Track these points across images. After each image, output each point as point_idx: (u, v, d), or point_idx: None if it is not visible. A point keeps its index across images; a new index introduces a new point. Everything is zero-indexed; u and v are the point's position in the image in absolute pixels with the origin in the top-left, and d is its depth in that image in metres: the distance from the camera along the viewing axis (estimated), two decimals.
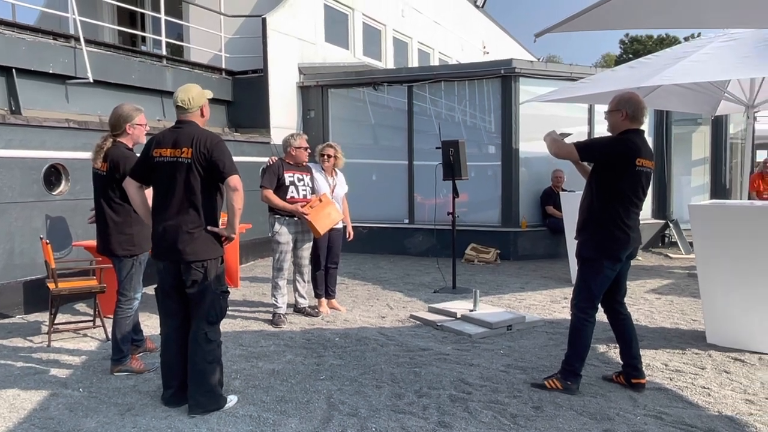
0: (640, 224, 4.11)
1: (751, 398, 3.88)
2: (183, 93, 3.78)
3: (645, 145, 4.03)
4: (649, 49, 39.32)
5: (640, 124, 4.07)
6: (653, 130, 10.79)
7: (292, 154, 5.96)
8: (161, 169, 3.71)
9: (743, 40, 6.45)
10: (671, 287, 7.46)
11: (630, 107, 4.00)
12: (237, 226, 3.75)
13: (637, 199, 3.99)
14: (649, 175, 4.04)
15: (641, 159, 3.92)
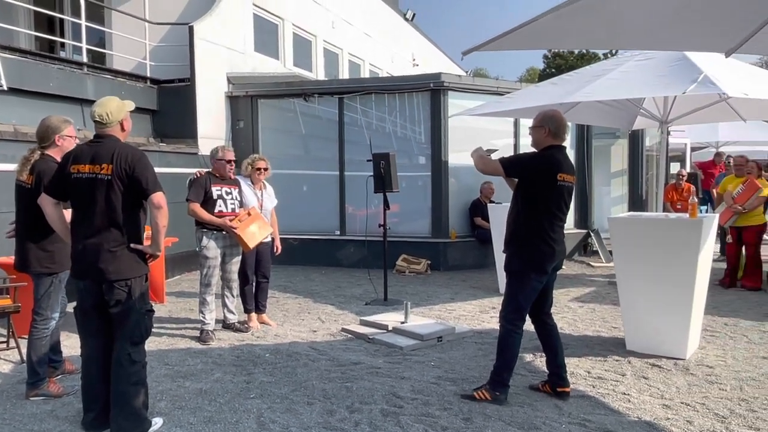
0: (564, 236, 4.25)
1: (667, 403, 4.07)
2: (100, 107, 3.62)
3: (566, 160, 4.17)
4: (570, 64, 40.96)
5: (562, 141, 4.21)
6: (575, 143, 11.22)
7: (217, 166, 5.85)
8: (79, 186, 3.54)
9: (657, 59, 6.79)
10: (593, 295, 7.74)
11: (553, 124, 4.14)
12: (162, 244, 3.64)
13: (560, 213, 4.12)
14: (571, 189, 4.18)
15: (562, 174, 4.04)
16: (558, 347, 4.26)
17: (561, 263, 4.30)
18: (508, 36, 3.64)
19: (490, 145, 10.40)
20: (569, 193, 4.16)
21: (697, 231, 4.89)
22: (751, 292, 7.76)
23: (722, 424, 3.71)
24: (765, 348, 5.30)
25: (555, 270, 4.25)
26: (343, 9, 15.85)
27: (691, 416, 3.83)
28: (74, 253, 3.61)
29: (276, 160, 10.41)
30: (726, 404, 4.03)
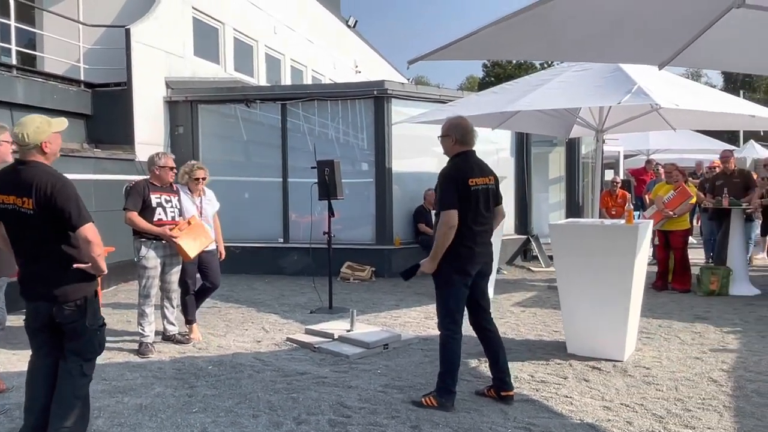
0: (488, 239, 4.26)
1: (608, 404, 4.18)
2: (18, 126, 3.32)
3: (477, 164, 4.24)
4: (509, 73, 41.93)
5: (471, 146, 4.28)
6: (515, 151, 11.46)
7: (156, 173, 5.67)
8: (6, 216, 3.34)
9: (593, 71, 7.03)
10: (534, 300, 7.91)
11: (458, 132, 4.24)
12: (103, 267, 3.46)
13: (479, 216, 4.13)
14: (488, 191, 4.20)
15: (473, 179, 4.11)
16: (499, 352, 4.30)
17: (488, 267, 4.31)
18: (453, 46, 3.68)
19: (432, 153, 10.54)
20: (487, 195, 4.20)
21: (633, 237, 5.07)
22: (681, 294, 8.10)
23: (660, 423, 3.85)
24: (697, 348, 5.53)
25: (482, 275, 4.25)
26: (285, 14, 15.74)
27: (630, 417, 3.96)
28: (20, 276, 3.45)
29: (217, 166, 10.26)
30: (663, 404, 4.17)
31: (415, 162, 10.29)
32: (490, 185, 4.24)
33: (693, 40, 3.96)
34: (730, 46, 4.09)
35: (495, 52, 5.65)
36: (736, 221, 8.37)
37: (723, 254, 8.57)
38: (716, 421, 3.88)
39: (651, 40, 4.10)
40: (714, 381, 4.64)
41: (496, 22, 3.46)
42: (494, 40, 3.87)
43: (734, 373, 4.83)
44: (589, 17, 3.71)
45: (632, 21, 3.79)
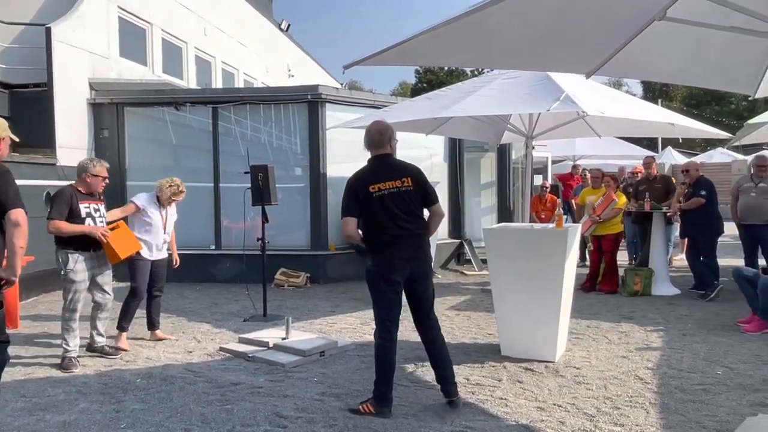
0: (410, 243, 4.11)
1: (541, 405, 4.27)
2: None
3: (386, 167, 4.17)
4: (441, 80, 42.53)
5: (383, 149, 4.24)
6: (448, 156, 11.62)
7: (87, 181, 5.40)
8: None
9: (523, 78, 7.21)
10: (468, 303, 8.02)
11: (366, 139, 4.28)
12: (18, 267, 3.29)
13: (391, 222, 4.05)
14: (398, 193, 4.08)
15: (375, 184, 4.07)
16: (438, 357, 4.29)
17: (420, 270, 4.17)
18: (387, 52, 3.68)
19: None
20: (401, 198, 4.09)
21: (563, 240, 5.21)
22: (608, 295, 8.40)
23: (591, 422, 3.96)
24: (623, 347, 5.74)
25: (416, 279, 4.15)
26: (215, 16, 15.43)
27: (563, 416, 4.05)
28: None
29: (145, 171, 9.96)
30: (593, 403, 4.30)
31: (350, 167, 10.06)
32: (403, 188, 4.10)
33: (618, 50, 4.11)
34: (651, 56, 4.27)
35: (429, 59, 5.71)
36: (658, 224, 8.76)
37: (645, 256, 8.95)
38: (643, 418, 4.02)
39: (578, 50, 4.23)
40: (640, 379, 4.82)
41: (429, 29, 3.48)
42: (428, 47, 3.89)
43: (658, 370, 5.04)
44: (520, 27, 3.79)
45: (561, 31, 3.90)
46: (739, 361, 5.23)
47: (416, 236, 4.16)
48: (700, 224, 8.26)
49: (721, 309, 7.37)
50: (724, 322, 6.66)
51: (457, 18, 3.35)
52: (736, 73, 4.57)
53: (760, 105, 26.01)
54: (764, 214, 7.89)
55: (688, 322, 6.76)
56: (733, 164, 23.75)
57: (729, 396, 4.40)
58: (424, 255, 4.27)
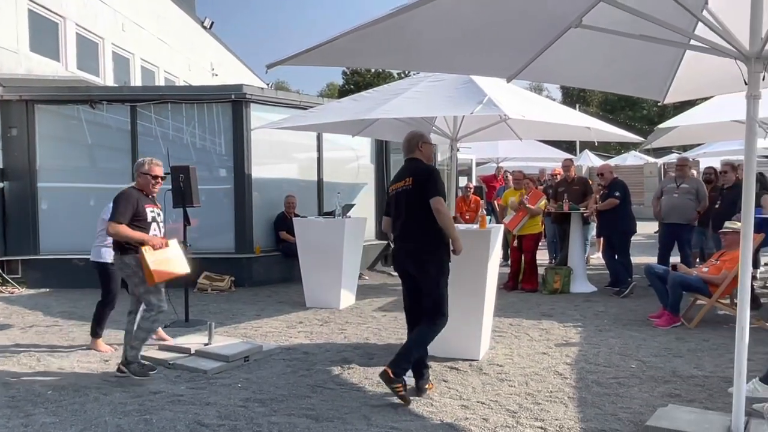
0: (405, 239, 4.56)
1: (465, 403, 4.34)
2: None
3: (402, 171, 4.66)
4: (368, 81, 42.70)
5: (411, 154, 4.69)
6: (375, 157, 11.67)
7: (138, 181, 5.13)
8: None
9: (447, 82, 7.31)
10: (395, 304, 8.06)
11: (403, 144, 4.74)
12: None
13: (397, 218, 4.57)
14: (401, 193, 4.53)
15: (392, 186, 4.67)
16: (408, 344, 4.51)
17: (410, 266, 4.54)
18: (312, 52, 3.65)
19: (293, 159, 10.40)
20: (401, 197, 4.54)
21: (486, 240, 5.31)
22: (530, 294, 8.64)
23: (513, 418, 4.05)
24: (544, 344, 5.91)
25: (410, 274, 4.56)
26: (134, 12, 14.90)
27: (486, 414, 4.13)
28: None
29: (58, 172, 9.49)
30: (515, 399, 4.40)
31: (275, 168, 10.13)
32: (404, 187, 4.53)
33: (537, 55, 4.24)
34: (568, 62, 4.43)
35: (353, 60, 5.70)
36: (576, 224, 9.08)
37: (564, 255, 9.27)
38: (562, 412, 4.15)
39: (500, 55, 4.33)
40: (560, 374, 4.98)
41: (353, 30, 3.47)
42: (352, 48, 3.89)
43: (577, 365, 5.22)
44: (442, 31, 3.84)
45: (482, 36, 3.98)
46: (650, 355, 5.49)
47: (408, 233, 4.52)
48: (614, 224, 8.63)
49: (635, 305, 7.72)
50: (637, 318, 6.98)
51: (379, 20, 3.36)
52: (646, 80, 4.81)
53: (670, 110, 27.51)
54: (685, 214, 8.33)
55: (604, 318, 7.04)
56: (645, 166, 25.06)
57: (642, 388, 4.60)
58: (411, 251, 4.51)
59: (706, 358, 5.37)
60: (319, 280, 7.82)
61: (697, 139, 13.01)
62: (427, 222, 4.38)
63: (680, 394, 4.46)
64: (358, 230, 8.24)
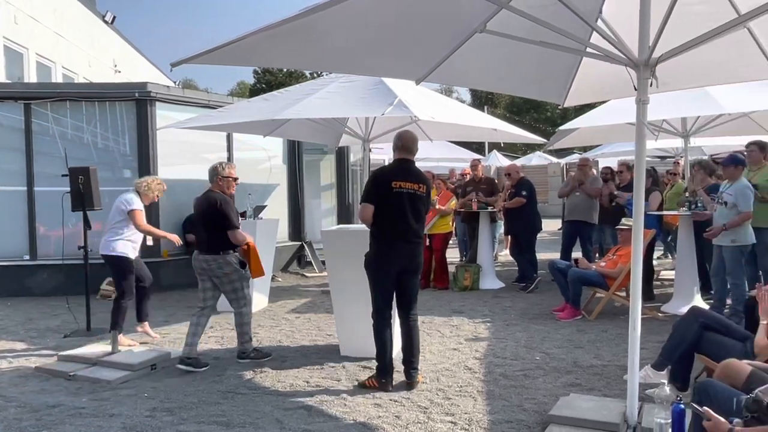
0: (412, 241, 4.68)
1: (378, 402, 4.38)
2: None
3: (408, 170, 4.68)
4: (279, 81, 42.15)
5: (410, 155, 4.76)
6: (287, 158, 11.56)
7: (219, 184, 5.46)
8: None
9: (359, 83, 7.34)
10: (308, 305, 8.02)
11: (397, 143, 4.77)
12: None
13: (401, 217, 4.60)
14: (412, 195, 4.62)
15: (398, 182, 4.58)
16: (413, 344, 4.70)
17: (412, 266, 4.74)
18: (220, 50, 3.57)
19: (202, 160, 10.14)
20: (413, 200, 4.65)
21: None
22: (441, 292, 8.83)
23: (424, 414, 4.12)
24: (455, 340, 6.06)
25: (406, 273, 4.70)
26: (28, 3, 14.04)
27: (399, 411, 4.18)
28: None
29: None
30: (427, 395, 4.49)
31: (184, 169, 9.83)
32: (418, 192, 4.70)
33: (444, 59, 4.34)
34: (475, 65, 4.56)
35: (262, 60, 5.64)
36: (484, 223, 9.36)
37: (474, 253, 9.54)
38: (472, 405, 4.27)
39: (408, 58, 4.40)
40: (469, 369, 5.12)
41: (262, 30, 3.43)
42: (261, 48, 3.84)
43: (485, 359, 5.38)
44: (351, 33, 3.87)
45: (391, 39, 4.04)
46: (554, 347, 5.74)
47: (417, 235, 4.70)
48: (521, 222, 8.97)
49: (540, 299, 8.05)
50: (542, 312, 7.28)
51: (288, 20, 3.34)
52: (547, 84, 5.02)
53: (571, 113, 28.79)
54: (587, 212, 8.75)
55: (512, 312, 7.30)
56: (549, 166, 26.18)
57: (546, 379, 4.81)
58: (419, 252, 4.75)
59: (605, 348, 5.68)
60: None
61: (595, 140, 13.72)
62: (423, 228, 4.82)
63: (581, 383, 4.70)
64: (270, 232, 8.14)
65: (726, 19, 3.39)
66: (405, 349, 4.74)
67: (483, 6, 3.68)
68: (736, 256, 6.21)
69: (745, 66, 4.25)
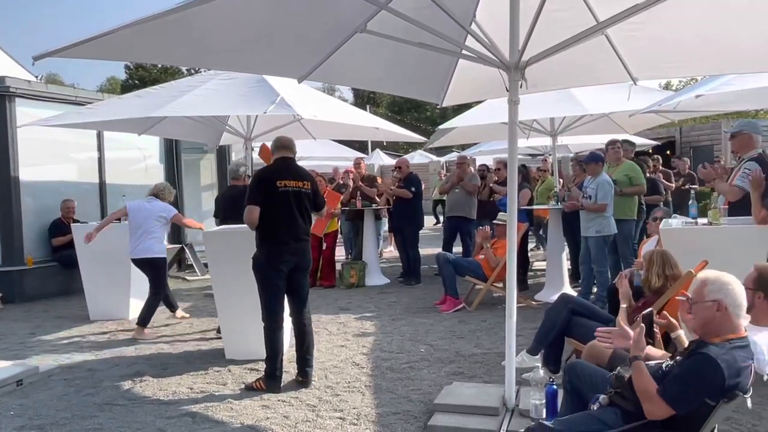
0: (300, 239, 4.67)
1: (266, 403, 4.32)
2: None
3: (288, 168, 4.67)
4: (154, 77, 40.29)
5: (288, 152, 4.75)
6: (164, 157, 11.10)
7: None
8: None
9: (239, 80, 7.18)
10: (191, 310, 7.75)
11: (276, 143, 4.78)
12: None
13: (287, 216, 4.58)
14: (297, 193, 4.61)
15: (282, 180, 4.55)
16: (308, 342, 4.73)
17: (302, 264, 4.75)
18: (87, 44, 3.37)
19: (70, 159, 9.53)
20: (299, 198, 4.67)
21: None
22: (328, 290, 8.85)
23: (313, 412, 4.13)
24: (342, 337, 6.10)
25: (297, 271, 4.71)
26: None
27: (287, 411, 4.16)
28: None
29: None
30: (315, 393, 4.50)
31: (50, 170, 9.17)
32: (303, 189, 4.72)
33: (326, 57, 4.36)
34: (355, 65, 4.62)
35: (136, 55, 5.39)
36: (369, 220, 9.49)
37: (359, 250, 9.64)
38: (360, 400, 4.33)
39: (289, 56, 4.38)
40: (357, 364, 5.18)
41: (133, 24, 3.28)
42: (135, 42, 3.67)
43: (372, 354, 5.47)
44: (231, 29, 3.79)
45: (270, 36, 4.01)
46: (437, 338, 5.94)
47: (306, 233, 4.71)
48: (407, 218, 9.17)
49: (424, 293, 8.29)
50: (426, 305, 7.50)
51: (160, 15, 3.22)
52: (425, 84, 5.18)
53: (450, 112, 29.83)
54: (466, 208, 9.07)
55: (397, 307, 7.46)
56: (430, 164, 26.93)
57: (430, 370, 4.97)
58: (308, 250, 4.78)
59: (484, 337, 5.95)
60: (105, 291, 7.26)
61: (473, 139, 14.30)
62: (310, 225, 4.87)
63: (463, 371, 4.90)
64: None
65: (587, 25, 3.68)
66: (299, 349, 4.73)
67: (363, 6, 3.74)
68: (599, 245, 6.73)
69: (604, 70, 4.61)
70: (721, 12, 3.71)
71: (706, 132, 18.33)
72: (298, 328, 4.75)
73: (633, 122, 9.00)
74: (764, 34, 3.71)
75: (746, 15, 3.63)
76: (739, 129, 5.12)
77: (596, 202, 6.65)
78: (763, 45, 3.80)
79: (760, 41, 3.78)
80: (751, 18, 3.64)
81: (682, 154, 17.44)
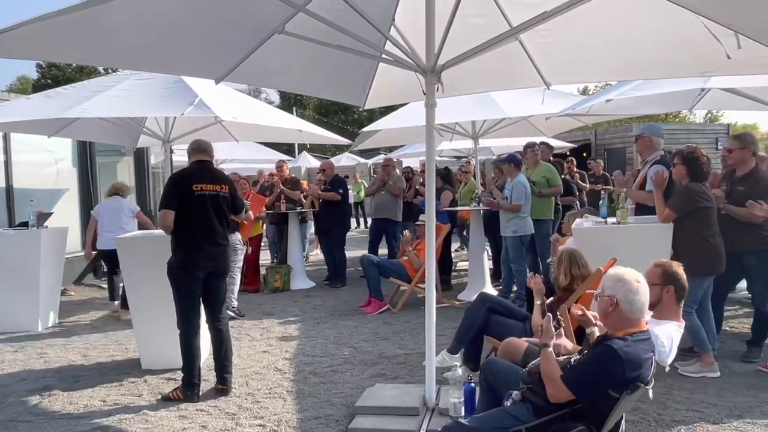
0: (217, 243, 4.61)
1: (183, 413, 4.20)
2: None
3: (205, 171, 4.59)
4: (68, 77, 38.45)
5: (204, 155, 4.68)
6: (78, 160, 10.62)
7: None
8: None
9: (156, 80, 6.94)
10: (106, 319, 7.43)
11: (192, 146, 4.73)
12: None
13: (204, 220, 4.50)
14: (214, 197, 4.54)
15: (198, 184, 4.47)
16: (226, 348, 4.62)
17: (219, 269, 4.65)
18: None
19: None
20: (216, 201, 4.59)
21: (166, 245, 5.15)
22: (252, 294, 8.70)
23: (233, 420, 4.04)
24: (265, 343, 6.01)
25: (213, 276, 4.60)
26: None
27: (205, 421, 4.05)
28: None
29: None
30: (235, 401, 4.40)
31: None
32: (221, 193, 4.65)
33: (244, 58, 4.28)
34: (275, 66, 4.57)
35: (41, 53, 5.13)
36: (293, 224, 9.40)
37: (284, 254, 9.53)
38: (281, 406, 4.27)
39: (205, 56, 4.28)
40: (279, 370, 5.12)
41: (38, 19, 3.12)
42: (40, 39, 3.49)
43: (295, 359, 5.42)
44: (141, 28, 3.67)
45: (185, 36, 3.91)
46: (362, 340, 5.95)
47: (223, 238, 4.63)
48: (334, 220, 9.14)
49: (349, 296, 8.28)
50: (351, 308, 7.50)
51: (66, 11, 3.07)
52: (347, 87, 5.19)
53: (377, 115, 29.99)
54: (391, 210, 9.12)
55: (322, 311, 7.43)
56: (357, 167, 26.98)
57: (353, 372, 4.97)
58: (225, 254, 4.72)
59: (408, 338, 6.00)
60: (11, 301, 6.86)
61: (398, 141, 14.39)
62: (229, 229, 4.81)
63: (386, 373, 4.92)
64: (57, 242, 7.45)
65: (501, 31, 3.77)
66: (217, 355, 4.63)
67: (280, 7, 3.69)
68: (517, 245, 6.92)
69: (520, 74, 4.73)
70: (626, 21, 3.88)
71: (618, 135, 19.22)
72: (215, 334, 4.65)
73: (550, 125, 9.30)
74: (660, 43, 3.92)
75: (646, 24, 3.82)
76: (641, 132, 5.41)
77: (511, 203, 6.85)
78: (660, 53, 4.01)
79: (658, 49, 3.99)
80: (649, 27, 3.83)
81: (597, 156, 18.20)
